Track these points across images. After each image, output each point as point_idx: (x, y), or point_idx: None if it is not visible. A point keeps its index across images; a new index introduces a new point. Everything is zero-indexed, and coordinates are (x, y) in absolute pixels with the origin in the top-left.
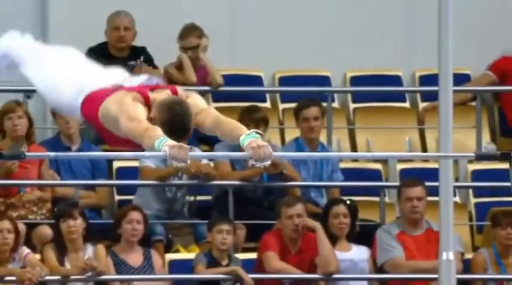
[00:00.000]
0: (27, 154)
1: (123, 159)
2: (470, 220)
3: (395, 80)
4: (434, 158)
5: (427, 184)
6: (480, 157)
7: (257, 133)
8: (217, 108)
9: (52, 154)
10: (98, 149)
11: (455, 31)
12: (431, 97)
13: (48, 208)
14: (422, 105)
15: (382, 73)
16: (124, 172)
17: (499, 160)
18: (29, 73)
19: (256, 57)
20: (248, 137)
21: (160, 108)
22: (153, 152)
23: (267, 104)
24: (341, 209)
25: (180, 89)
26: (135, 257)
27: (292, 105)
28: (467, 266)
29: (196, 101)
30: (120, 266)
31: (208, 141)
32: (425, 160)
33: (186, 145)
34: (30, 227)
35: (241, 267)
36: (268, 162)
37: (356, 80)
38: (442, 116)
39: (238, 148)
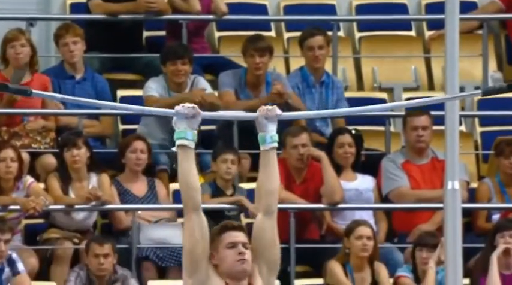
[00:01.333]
0: (34, 91)
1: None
2: (476, 148)
3: (401, 8)
4: (440, 102)
5: (433, 113)
6: (487, 93)
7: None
8: (221, 37)
9: (58, 96)
10: (102, 78)
11: None
12: (437, 25)
13: (52, 137)
14: (428, 33)
15: (387, 1)
16: (128, 101)
17: (505, 92)
18: None
19: None
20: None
21: None
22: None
23: (272, 33)
24: (346, 138)
25: None
26: (139, 187)
27: (297, 33)
28: (472, 195)
29: None
30: (125, 195)
31: (212, 70)
32: (432, 89)
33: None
34: (34, 156)
35: (246, 197)
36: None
37: (361, 8)
38: (448, 44)
39: (245, 78)
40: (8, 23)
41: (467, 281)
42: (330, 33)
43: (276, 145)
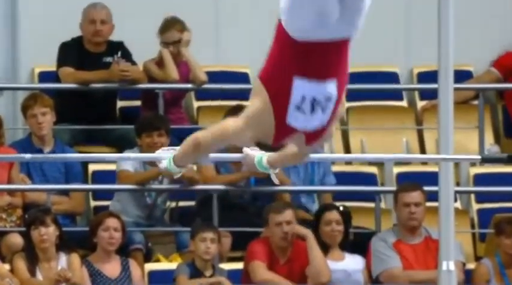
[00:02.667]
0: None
1: (100, 162)
2: (473, 227)
3: (392, 77)
4: (434, 161)
5: (426, 188)
6: (486, 160)
7: None
8: (200, 107)
9: (27, 155)
10: (73, 152)
11: (456, 24)
12: (430, 95)
13: (19, 215)
14: (420, 103)
15: (377, 70)
16: (100, 176)
17: (505, 162)
18: None
19: (242, 53)
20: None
21: None
22: (131, 154)
23: None
24: (334, 215)
25: None
26: (112, 267)
27: None
28: (468, 277)
29: None
30: (96, 277)
31: None
32: (424, 163)
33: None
34: None
35: (226, 278)
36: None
37: (350, 77)
38: (442, 116)
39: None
40: None
41: None
42: None
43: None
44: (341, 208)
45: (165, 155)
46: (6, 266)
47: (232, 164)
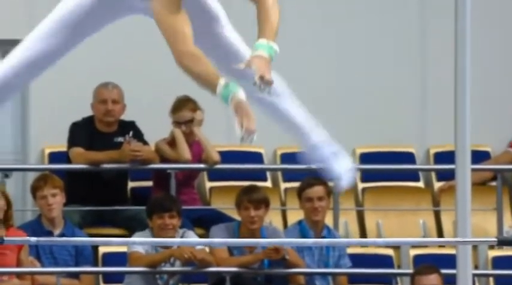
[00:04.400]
0: (5, 238)
1: (110, 245)
2: None
3: (408, 157)
4: (452, 244)
5: (443, 271)
6: (503, 242)
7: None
8: (213, 188)
9: (33, 239)
10: (82, 234)
11: (473, 103)
12: (447, 176)
13: None
14: (437, 184)
15: (393, 150)
16: (110, 258)
17: None
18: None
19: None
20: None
21: None
22: (142, 239)
23: (268, 183)
24: None
25: None
26: None
27: (295, 184)
28: None
29: None
30: None
31: (203, 224)
32: (442, 246)
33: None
34: None
35: None
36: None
37: (365, 157)
38: (459, 197)
39: (238, 232)
40: None
41: None
42: (330, 183)
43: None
44: None
45: None
46: None
47: (246, 247)
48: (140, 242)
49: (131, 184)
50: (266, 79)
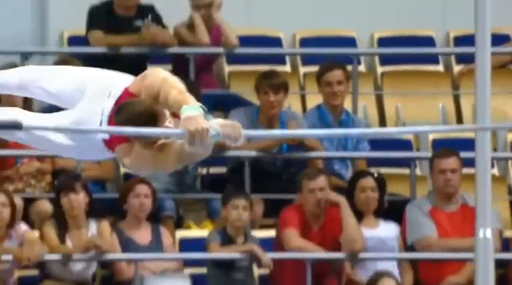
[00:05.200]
0: (24, 124)
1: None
2: (510, 194)
3: (428, 41)
4: (471, 130)
5: (462, 154)
6: None
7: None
8: (232, 72)
9: (51, 126)
10: None
11: None
12: (467, 59)
13: (48, 181)
14: (457, 68)
15: (413, 34)
16: None
17: None
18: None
19: (275, 16)
20: (189, 109)
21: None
22: (162, 129)
23: (287, 68)
24: (368, 182)
25: (132, 87)
26: (142, 235)
27: (314, 68)
28: (506, 244)
29: (148, 81)
30: (127, 244)
31: (222, 108)
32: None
33: (237, 123)
34: (28, 201)
35: (258, 245)
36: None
37: (384, 41)
38: (478, 80)
39: (257, 117)
40: (0, 57)
41: None
42: (349, 67)
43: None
44: (376, 175)
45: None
46: (36, 233)
47: (265, 129)
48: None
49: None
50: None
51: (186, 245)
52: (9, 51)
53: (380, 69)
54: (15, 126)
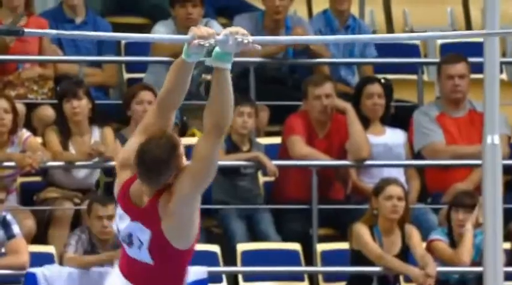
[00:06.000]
0: (26, 30)
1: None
2: None
3: None
4: (479, 37)
5: (471, 59)
6: None
7: None
8: None
9: (54, 31)
10: (105, 22)
11: None
12: None
13: (50, 87)
14: None
15: None
16: (134, 47)
17: None
18: None
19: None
20: None
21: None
22: (170, 36)
23: None
24: (375, 88)
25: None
26: None
27: None
28: None
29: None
30: None
31: (226, 13)
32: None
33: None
34: (30, 107)
35: (263, 153)
36: (211, 40)
37: None
38: None
39: (262, 22)
40: None
41: (507, 245)
42: None
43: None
44: (382, 81)
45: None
46: (38, 139)
47: (270, 35)
48: (166, 39)
49: None
50: None
51: (190, 152)
52: None
53: None
54: None
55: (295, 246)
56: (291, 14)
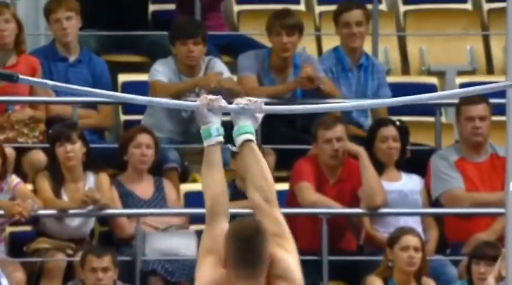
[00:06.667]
0: (21, 77)
1: (130, 71)
2: None
3: None
4: (502, 88)
5: (492, 100)
6: None
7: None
8: (241, 11)
9: (50, 83)
10: (100, 61)
11: None
12: None
13: (42, 130)
14: (487, 6)
15: None
16: (131, 87)
17: None
18: None
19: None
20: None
21: None
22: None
23: (301, 6)
24: (389, 131)
25: None
26: (144, 188)
27: (331, 7)
28: None
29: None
30: (127, 198)
31: (230, 51)
32: (490, 72)
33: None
34: (20, 151)
35: None
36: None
37: None
38: (510, 19)
39: (269, 61)
40: None
41: None
42: (369, 6)
43: (221, 139)
44: (397, 123)
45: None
46: (29, 186)
47: (277, 74)
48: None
49: (152, 7)
50: None
51: (192, 199)
52: None
53: (402, 8)
54: None
55: None
56: (299, 51)
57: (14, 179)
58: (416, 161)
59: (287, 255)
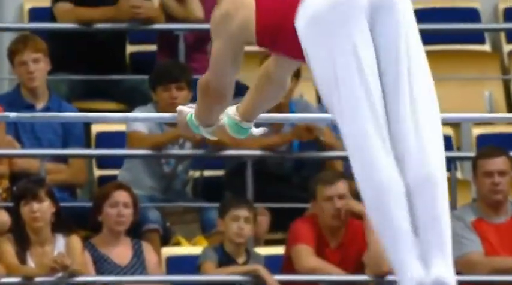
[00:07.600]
0: None
1: (106, 122)
2: None
3: (472, 14)
4: None
5: None
6: None
7: None
8: None
9: (13, 114)
10: (72, 108)
11: None
12: None
13: (5, 187)
14: (507, 47)
15: (453, 6)
16: (106, 139)
17: None
18: None
19: None
20: None
21: None
22: (145, 114)
23: None
24: None
25: None
26: (121, 252)
27: None
28: None
29: None
30: (102, 263)
31: None
32: (511, 123)
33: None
34: None
35: (263, 265)
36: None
37: (419, 14)
38: None
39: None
40: None
41: None
42: None
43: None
44: None
45: (186, 110)
46: None
47: (270, 123)
48: (143, 119)
49: (130, 48)
50: None
51: (174, 264)
52: None
53: None
54: None
55: None
56: (296, 97)
57: None
58: None
59: None
